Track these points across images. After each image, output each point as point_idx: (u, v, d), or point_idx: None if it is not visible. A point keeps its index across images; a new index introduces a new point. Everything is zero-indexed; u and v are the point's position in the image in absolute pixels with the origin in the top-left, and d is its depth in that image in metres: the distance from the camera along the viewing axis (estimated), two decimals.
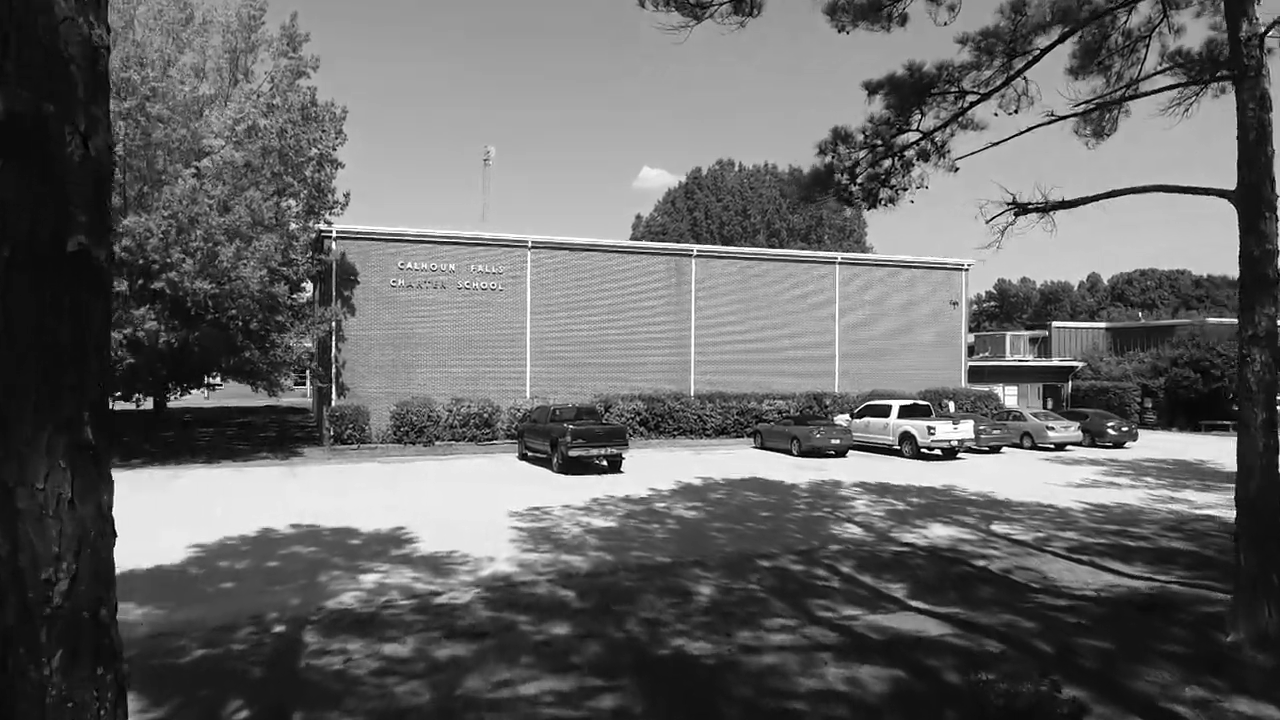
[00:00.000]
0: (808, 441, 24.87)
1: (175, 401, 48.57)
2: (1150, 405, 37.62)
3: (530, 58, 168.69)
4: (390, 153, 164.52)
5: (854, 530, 14.01)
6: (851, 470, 22.25)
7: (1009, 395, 39.42)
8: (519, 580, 10.36)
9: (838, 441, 24.95)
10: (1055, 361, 42.19)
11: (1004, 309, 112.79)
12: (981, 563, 11.58)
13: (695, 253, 34.13)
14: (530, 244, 31.25)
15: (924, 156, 11.03)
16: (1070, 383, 41.24)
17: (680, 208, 63.47)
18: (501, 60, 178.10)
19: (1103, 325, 46.91)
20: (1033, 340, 46.67)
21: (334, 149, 24.94)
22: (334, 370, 28.32)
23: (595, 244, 32.77)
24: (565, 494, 17.64)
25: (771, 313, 34.87)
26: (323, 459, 24.77)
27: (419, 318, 29.70)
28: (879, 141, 11.00)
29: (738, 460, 24.68)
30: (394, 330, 29.37)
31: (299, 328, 24.78)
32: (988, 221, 8.93)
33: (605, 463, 21.56)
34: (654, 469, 22.24)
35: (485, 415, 28.88)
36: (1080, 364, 41.44)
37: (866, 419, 27.16)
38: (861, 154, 11.20)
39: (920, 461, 24.50)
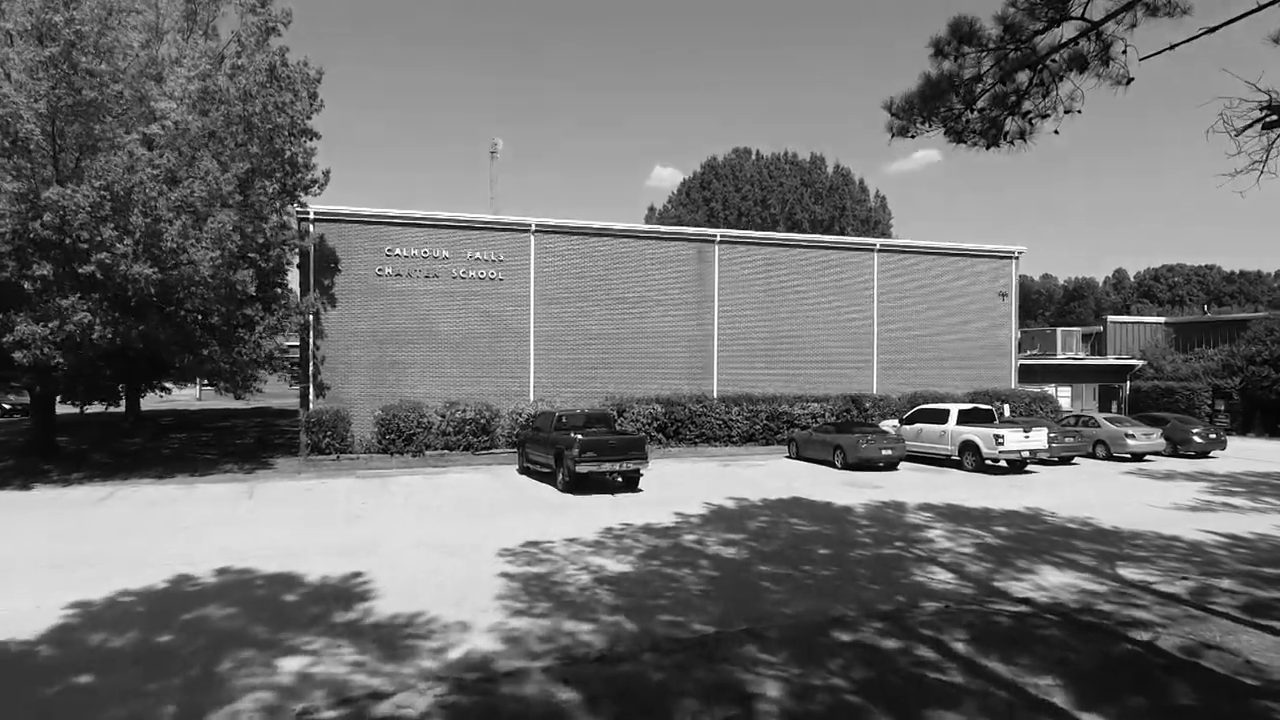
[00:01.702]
0: (854, 452, 21.49)
1: (162, 403, 45.99)
2: (1223, 408, 33.92)
3: (541, 53, 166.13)
4: (391, 151, 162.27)
5: (943, 576, 10.84)
6: (910, 488, 18.94)
7: (1062, 396, 35.82)
8: (502, 669, 7.31)
9: (889, 452, 21.56)
10: (1112, 359, 38.48)
11: (1024, 306, 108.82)
12: (1142, 634, 8.42)
13: (718, 238, 30.65)
14: (534, 227, 27.93)
15: (1078, 64, 7.74)
16: (1129, 383, 37.55)
17: (696, 198, 60.04)
18: (511, 56, 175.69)
19: (1163, 320, 43.13)
20: (1085, 336, 42.97)
21: (308, 117, 21.77)
22: (311, 369, 25.11)
23: (607, 228, 29.29)
24: (571, 521, 14.48)
25: (802, 305, 31.41)
26: (292, 472, 21.59)
27: (409, 310, 26.41)
28: (1015, 42, 7.73)
29: (773, 474, 21.39)
30: (380, 324, 26.13)
31: (269, 321, 21.62)
32: (1235, 135, 5.69)
33: (620, 480, 18.31)
34: (677, 486, 19.02)
35: (482, 421, 25.50)
36: (1140, 362, 37.73)
37: (918, 425, 23.74)
38: (987, 63, 7.95)
39: (986, 475, 21.08)
